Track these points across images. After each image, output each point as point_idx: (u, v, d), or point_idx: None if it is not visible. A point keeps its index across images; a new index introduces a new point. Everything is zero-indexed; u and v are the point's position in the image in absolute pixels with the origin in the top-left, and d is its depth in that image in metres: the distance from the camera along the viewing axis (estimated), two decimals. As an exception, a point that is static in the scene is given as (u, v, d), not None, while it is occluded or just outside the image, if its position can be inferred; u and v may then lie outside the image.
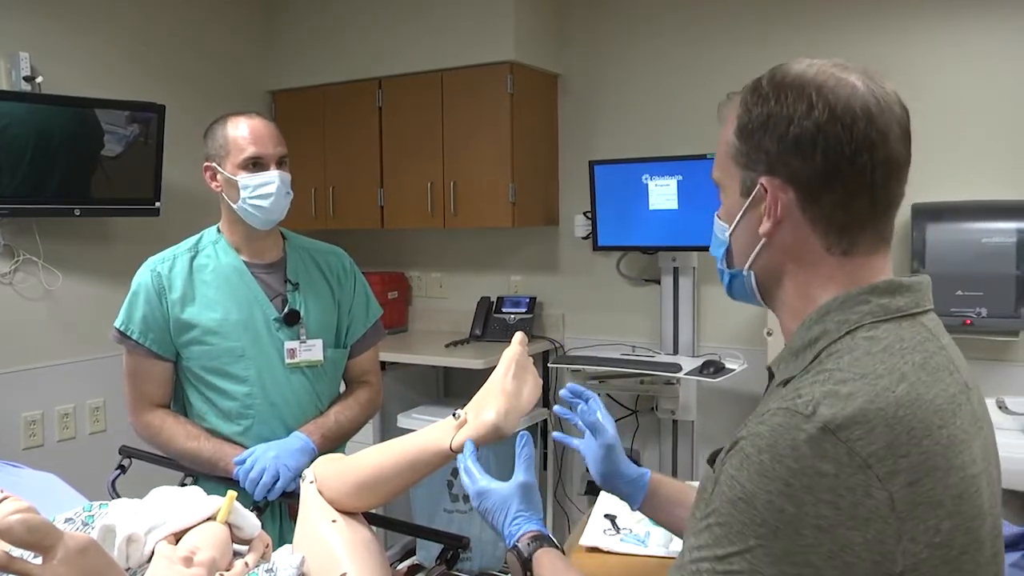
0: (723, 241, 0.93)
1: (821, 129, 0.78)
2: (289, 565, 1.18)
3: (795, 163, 0.80)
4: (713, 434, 3.10)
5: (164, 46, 3.22)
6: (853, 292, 0.82)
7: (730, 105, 0.88)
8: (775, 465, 0.72)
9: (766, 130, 0.82)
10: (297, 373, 1.76)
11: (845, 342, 0.79)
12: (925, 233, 2.50)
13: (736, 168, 0.87)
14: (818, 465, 0.70)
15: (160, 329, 1.70)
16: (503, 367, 1.28)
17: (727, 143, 0.87)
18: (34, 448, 2.78)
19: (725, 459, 0.78)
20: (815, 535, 0.70)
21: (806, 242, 0.83)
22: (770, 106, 0.82)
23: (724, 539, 0.75)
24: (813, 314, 0.83)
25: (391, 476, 1.29)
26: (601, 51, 3.28)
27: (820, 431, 0.71)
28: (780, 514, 0.71)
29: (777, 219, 0.83)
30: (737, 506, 0.74)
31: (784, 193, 0.82)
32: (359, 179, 3.46)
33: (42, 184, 2.66)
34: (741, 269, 0.91)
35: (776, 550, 0.72)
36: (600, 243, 3.10)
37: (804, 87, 0.80)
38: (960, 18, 2.65)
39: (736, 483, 0.75)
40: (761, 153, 0.83)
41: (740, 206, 0.87)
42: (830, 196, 0.80)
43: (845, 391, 0.74)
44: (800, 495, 0.71)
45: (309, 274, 1.83)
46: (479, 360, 2.99)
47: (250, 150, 1.69)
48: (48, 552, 0.87)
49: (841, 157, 0.78)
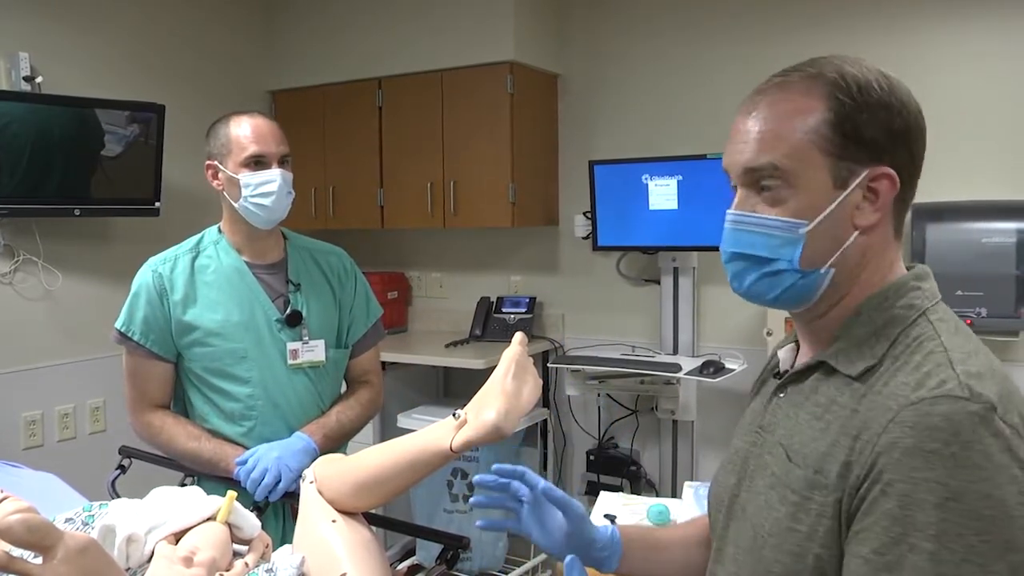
0: (798, 239, 0.82)
1: (917, 121, 0.83)
2: (289, 565, 1.18)
3: (901, 153, 0.82)
4: (713, 434, 3.10)
5: (164, 46, 3.22)
6: (902, 279, 0.85)
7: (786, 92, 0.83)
8: (968, 453, 0.70)
9: (876, 119, 0.80)
10: (299, 374, 1.76)
11: (922, 326, 0.81)
12: (925, 233, 2.50)
13: (824, 158, 0.81)
14: (995, 443, 0.71)
15: (161, 330, 1.70)
16: (503, 367, 1.28)
17: (811, 131, 0.81)
18: (34, 448, 2.78)
19: (877, 468, 0.74)
20: (1022, 513, 0.70)
21: (888, 233, 0.85)
22: (872, 98, 0.80)
23: (943, 552, 0.69)
24: (870, 302, 0.84)
25: (391, 476, 1.29)
26: (601, 51, 3.28)
27: (988, 410, 0.72)
28: (989, 500, 0.69)
29: (883, 210, 0.83)
30: (947, 508, 0.70)
31: (892, 183, 0.82)
32: (359, 179, 3.46)
33: (42, 184, 2.65)
34: (819, 268, 0.83)
35: (999, 541, 0.69)
36: (600, 243, 3.10)
37: (894, 85, 0.82)
38: (960, 18, 2.65)
39: (933, 484, 0.70)
40: (865, 143, 0.81)
41: (830, 199, 0.81)
42: (910, 187, 0.84)
43: (974, 370, 0.75)
44: (996, 476, 0.70)
45: (310, 274, 1.83)
46: (479, 360, 2.99)
47: (252, 149, 1.69)
48: (48, 552, 0.87)
49: (921, 150, 0.84)
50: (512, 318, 3.39)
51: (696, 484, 1.93)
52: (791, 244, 0.83)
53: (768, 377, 1.00)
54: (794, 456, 0.84)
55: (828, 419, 0.82)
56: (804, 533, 0.80)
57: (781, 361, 0.97)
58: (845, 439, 0.78)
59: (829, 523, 0.78)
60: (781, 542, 0.82)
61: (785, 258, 0.83)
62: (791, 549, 0.81)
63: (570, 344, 3.39)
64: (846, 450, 0.77)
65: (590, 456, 3.19)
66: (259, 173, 1.69)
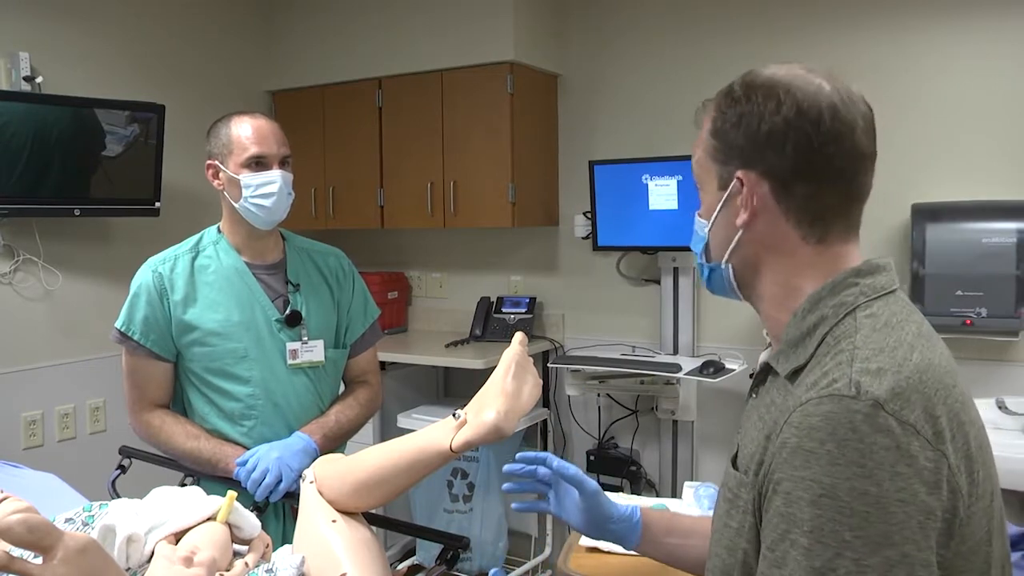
0: (702, 236, 0.96)
1: (790, 124, 0.84)
2: (289, 565, 1.18)
3: (768, 156, 0.85)
4: (713, 434, 3.10)
5: (164, 46, 3.22)
6: (839, 277, 0.86)
7: (707, 110, 0.93)
8: (843, 451, 0.72)
9: (739, 127, 0.87)
10: (299, 374, 1.76)
11: (847, 324, 0.82)
12: (925, 233, 2.50)
13: (713, 164, 0.91)
14: (880, 440, 0.72)
15: (161, 330, 1.70)
16: (503, 367, 1.28)
17: (704, 142, 0.92)
18: (34, 448, 2.78)
19: (772, 467, 0.78)
20: (902, 509, 0.71)
21: (783, 233, 0.88)
22: (742, 105, 0.87)
23: (817, 547, 0.72)
24: (805, 304, 0.86)
25: (391, 476, 1.29)
26: (601, 51, 3.28)
27: (872, 407, 0.73)
28: (865, 497, 0.71)
29: (753, 210, 0.88)
30: (820, 504, 0.73)
31: (759, 185, 0.87)
32: (359, 179, 3.46)
33: (42, 184, 2.65)
34: (719, 263, 0.94)
35: (874, 536, 0.71)
36: (600, 243, 3.10)
37: (774, 87, 0.85)
38: (960, 18, 2.65)
39: (808, 482, 0.74)
40: (736, 148, 0.88)
41: (718, 200, 0.91)
42: (802, 187, 0.85)
43: (874, 367, 0.77)
44: (875, 473, 0.71)
45: (309, 275, 1.83)
46: (479, 360, 2.99)
47: (253, 149, 1.69)
48: (48, 552, 0.87)
49: (810, 149, 0.83)
50: (512, 318, 3.39)
51: (696, 484, 1.93)
52: (700, 240, 0.97)
53: None
54: (739, 457, 0.89)
55: (766, 419, 0.85)
56: (735, 529, 0.86)
57: (759, 363, 1.02)
58: (763, 439, 0.83)
59: (751, 519, 0.83)
60: (720, 538, 0.89)
61: (698, 252, 0.98)
62: (727, 544, 0.87)
63: (570, 344, 3.39)
64: (762, 449, 0.82)
65: (590, 456, 3.19)
66: (260, 174, 1.69)
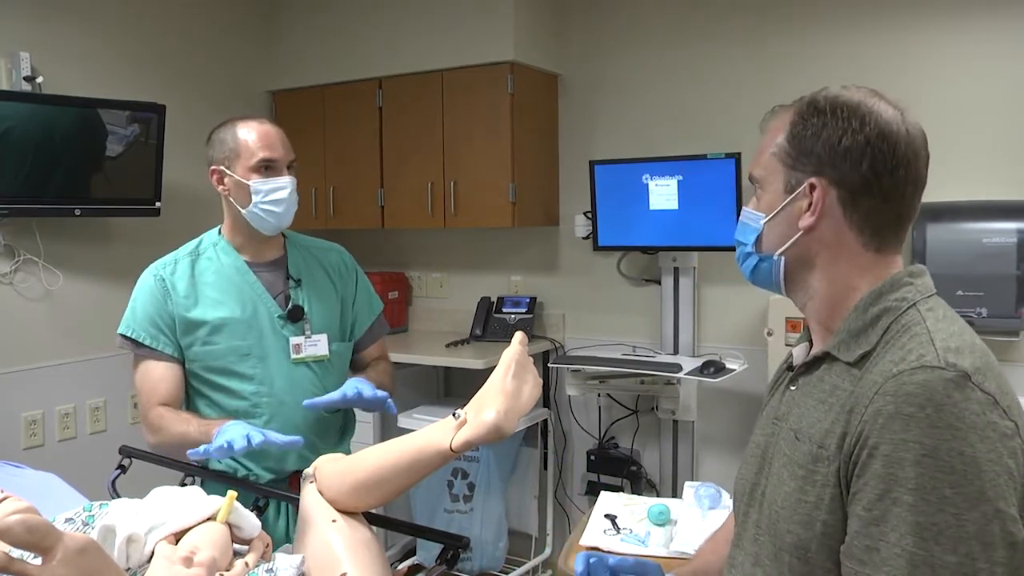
0: (756, 228, 1.04)
1: (871, 143, 0.93)
2: (289, 565, 1.18)
3: (843, 168, 0.94)
4: (714, 434, 3.10)
5: (164, 46, 3.22)
6: (897, 276, 0.97)
7: (777, 116, 1.02)
8: (940, 414, 0.81)
9: (819, 137, 0.96)
10: (303, 368, 1.76)
11: (911, 314, 0.93)
12: (925, 233, 2.50)
13: (782, 167, 1.00)
14: (971, 406, 0.81)
15: (167, 328, 1.70)
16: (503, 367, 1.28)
17: (777, 146, 1.00)
18: (34, 448, 2.78)
19: (865, 435, 0.85)
20: (992, 468, 0.80)
21: (844, 238, 0.97)
22: (826, 118, 0.96)
23: (921, 503, 0.80)
24: (867, 298, 0.96)
25: (391, 476, 1.29)
26: (601, 51, 3.28)
27: (962, 377, 0.83)
28: (962, 456, 0.79)
29: (820, 213, 0.97)
30: (923, 464, 0.80)
31: (829, 193, 0.96)
32: (359, 179, 3.46)
33: (42, 184, 2.65)
34: (771, 254, 1.02)
35: (972, 492, 0.79)
36: (600, 243, 3.10)
37: (858, 107, 0.95)
38: (960, 18, 2.65)
39: (911, 444, 0.81)
40: (812, 156, 0.96)
41: (781, 200, 1.00)
42: (868, 201, 0.95)
43: (953, 346, 0.86)
44: (969, 435, 0.80)
45: (310, 270, 1.83)
46: (479, 360, 2.99)
47: (262, 154, 1.69)
48: (48, 552, 0.87)
49: (884, 169, 0.93)
50: (512, 318, 3.39)
51: (696, 484, 1.92)
52: (753, 231, 1.04)
53: (783, 374, 1.12)
54: (801, 436, 0.96)
55: (831, 402, 0.94)
56: (811, 503, 0.91)
57: (795, 357, 1.09)
58: (842, 415, 0.90)
59: (832, 491, 0.89)
60: (792, 514, 0.93)
61: (749, 242, 1.05)
62: (801, 519, 0.92)
63: (570, 344, 3.39)
64: (843, 424, 0.89)
65: (590, 456, 3.19)
66: (271, 180, 1.70)
